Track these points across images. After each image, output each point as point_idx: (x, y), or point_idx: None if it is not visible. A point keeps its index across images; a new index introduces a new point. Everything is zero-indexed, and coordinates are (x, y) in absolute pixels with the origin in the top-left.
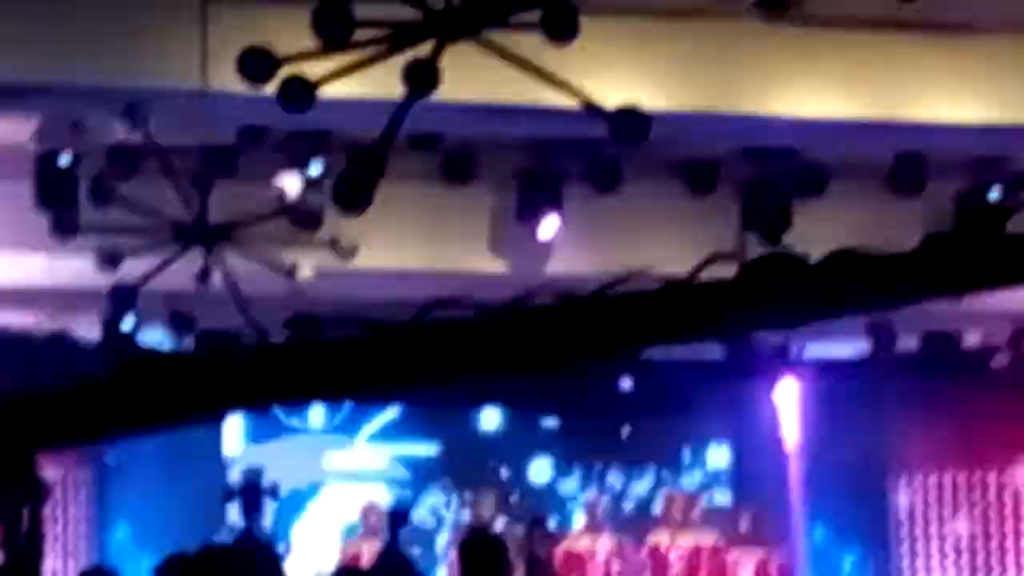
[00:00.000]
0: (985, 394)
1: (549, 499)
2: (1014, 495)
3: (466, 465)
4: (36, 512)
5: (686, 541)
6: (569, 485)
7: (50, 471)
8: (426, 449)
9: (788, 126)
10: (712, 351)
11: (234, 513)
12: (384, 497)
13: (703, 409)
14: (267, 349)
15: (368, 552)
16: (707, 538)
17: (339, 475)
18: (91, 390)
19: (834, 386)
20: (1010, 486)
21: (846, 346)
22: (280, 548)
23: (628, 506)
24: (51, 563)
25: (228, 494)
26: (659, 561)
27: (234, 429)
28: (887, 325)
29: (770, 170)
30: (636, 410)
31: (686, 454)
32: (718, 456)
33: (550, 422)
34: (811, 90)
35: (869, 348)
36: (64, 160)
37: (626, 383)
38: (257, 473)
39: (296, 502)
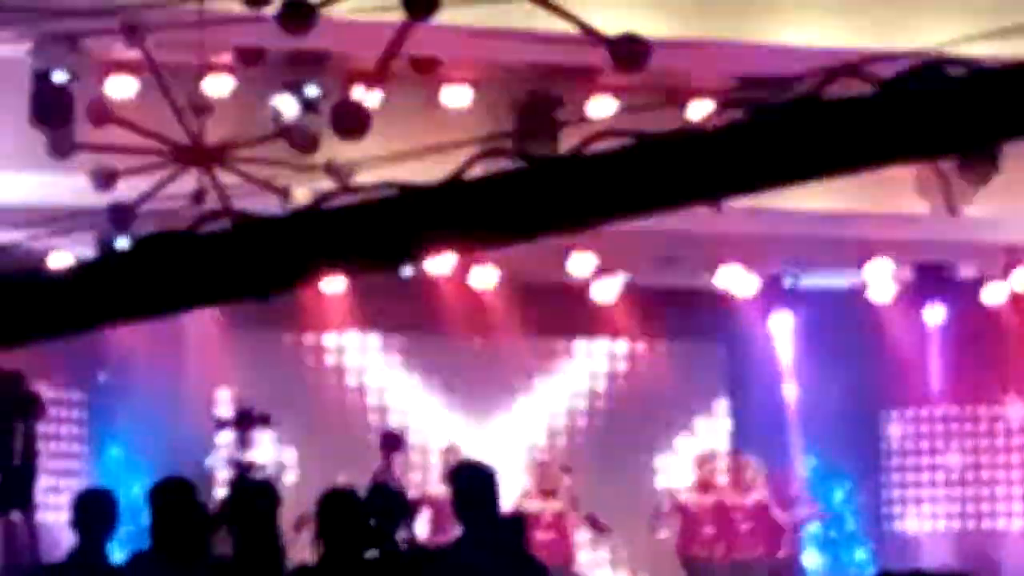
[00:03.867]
0: (979, 327)
1: None
2: (1005, 429)
3: None
4: (30, 429)
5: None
6: None
7: (44, 390)
8: None
9: (788, 55)
10: (703, 279)
11: (225, 441)
12: None
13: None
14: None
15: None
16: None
17: None
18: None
19: (828, 317)
20: (1002, 420)
21: (841, 277)
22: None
23: None
24: (44, 482)
25: (220, 423)
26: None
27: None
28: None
29: (769, 99)
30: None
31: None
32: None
33: None
34: (811, 18)
35: (863, 279)
36: (60, 77)
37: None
38: (250, 402)
39: None
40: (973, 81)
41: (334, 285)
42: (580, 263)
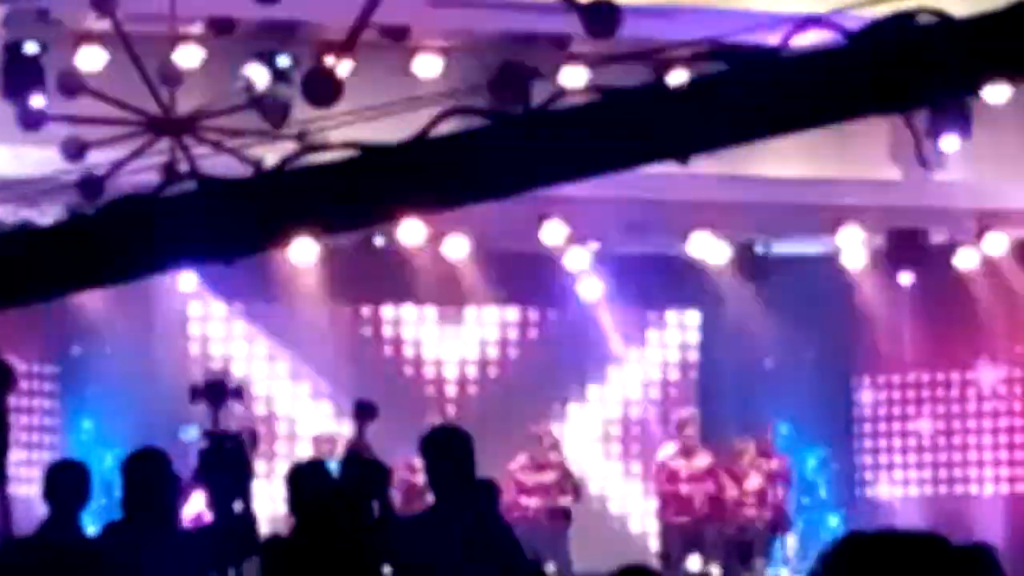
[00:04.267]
0: (951, 292)
1: None
2: (977, 394)
3: None
4: (1, 402)
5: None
6: None
7: (16, 363)
8: None
9: (762, 20)
10: (675, 247)
11: (199, 412)
12: None
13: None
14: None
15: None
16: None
17: None
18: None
19: (800, 283)
20: (973, 385)
21: (813, 244)
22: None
23: None
24: (16, 455)
25: (193, 392)
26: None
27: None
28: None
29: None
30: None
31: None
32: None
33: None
34: None
35: (835, 245)
36: (31, 49)
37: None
38: (222, 373)
39: None
40: (942, 31)
41: (305, 256)
42: (552, 232)
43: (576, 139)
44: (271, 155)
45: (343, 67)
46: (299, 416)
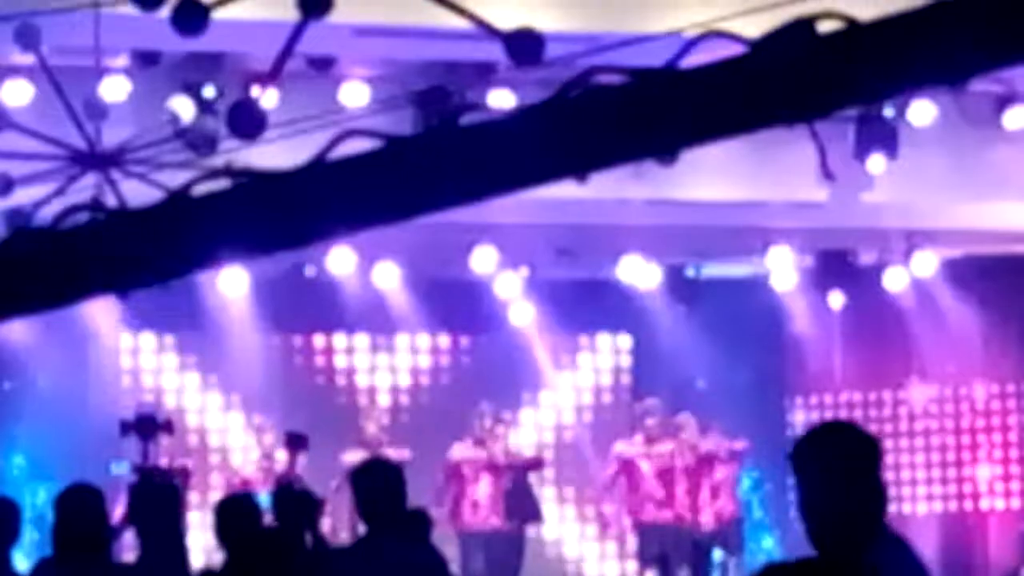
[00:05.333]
0: (880, 312)
1: None
2: (908, 413)
3: None
4: None
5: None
6: None
7: None
8: None
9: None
10: (605, 271)
11: (129, 447)
12: None
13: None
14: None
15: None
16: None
17: None
18: None
19: (730, 306)
20: (904, 404)
21: (742, 266)
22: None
23: None
24: None
25: (124, 427)
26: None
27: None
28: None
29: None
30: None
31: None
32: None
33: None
34: (713, 9)
35: (765, 267)
36: None
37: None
38: (152, 407)
39: None
40: (847, 36)
41: (235, 286)
42: (482, 258)
43: (473, 158)
44: (199, 187)
45: (268, 98)
46: (232, 447)
